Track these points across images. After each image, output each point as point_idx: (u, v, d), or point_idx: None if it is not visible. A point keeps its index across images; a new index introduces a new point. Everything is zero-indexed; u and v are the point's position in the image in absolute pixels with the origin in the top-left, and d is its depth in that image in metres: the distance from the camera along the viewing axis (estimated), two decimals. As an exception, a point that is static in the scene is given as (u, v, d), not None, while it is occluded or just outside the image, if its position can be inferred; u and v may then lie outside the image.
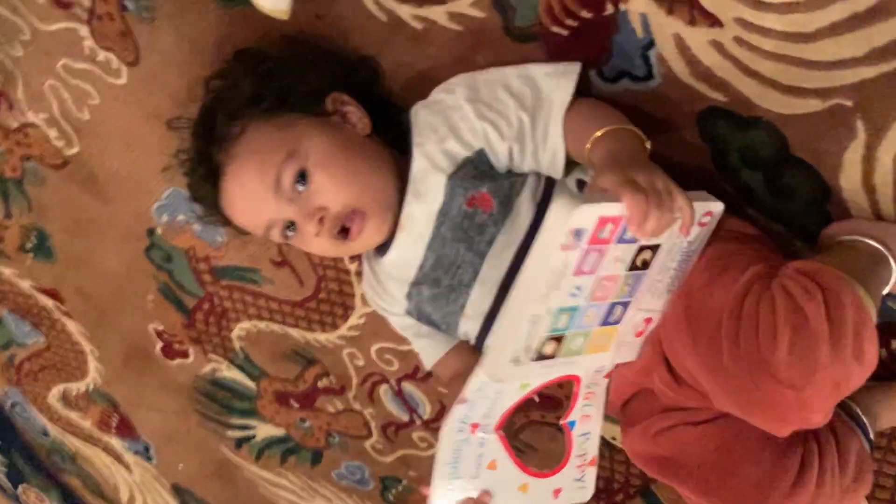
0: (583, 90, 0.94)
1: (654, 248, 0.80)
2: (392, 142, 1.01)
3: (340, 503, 1.62)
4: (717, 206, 0.81)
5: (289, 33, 1.03)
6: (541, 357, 0.82)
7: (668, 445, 0.96)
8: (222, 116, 0.99)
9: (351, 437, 1.50)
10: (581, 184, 0.95)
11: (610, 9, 0.90)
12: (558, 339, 0.82)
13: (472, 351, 1.04)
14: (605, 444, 1.26)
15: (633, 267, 0.81)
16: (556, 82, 0.92)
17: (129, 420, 1.74)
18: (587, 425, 0.95)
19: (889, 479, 1.10)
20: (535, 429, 1.31)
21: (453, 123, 0.94)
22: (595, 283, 0.79)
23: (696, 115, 0.93)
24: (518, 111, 0.92)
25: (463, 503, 0.93)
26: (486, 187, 0.93)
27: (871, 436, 0.98)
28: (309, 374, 1.45)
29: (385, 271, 1.05)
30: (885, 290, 0.90)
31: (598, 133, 0.85)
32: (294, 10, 1.00)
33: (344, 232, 0.95)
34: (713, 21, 0.86)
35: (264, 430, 1.60)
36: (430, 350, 1.11)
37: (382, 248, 1.02)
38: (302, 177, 0.94)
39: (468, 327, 1.00)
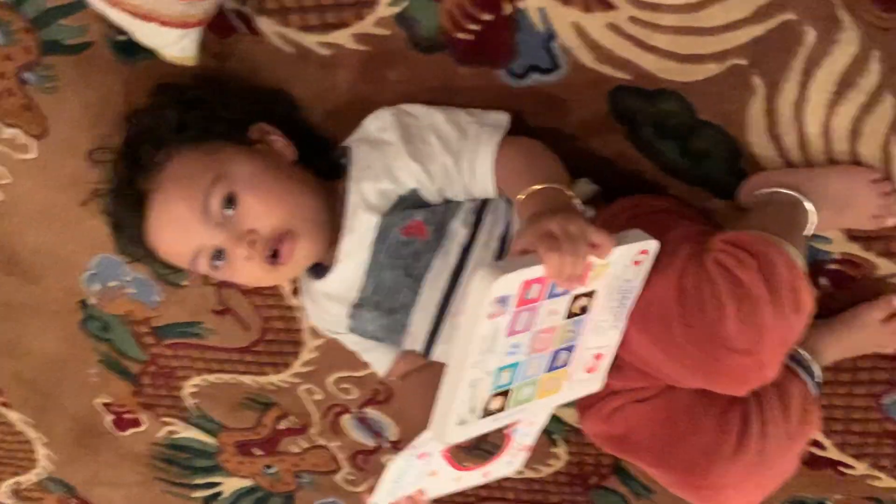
0: (497, 94, 0.98)
1: (591, 294, 0.82)
2: (321, 171, 1.03)
3: (320, 542, 1.61)
4: (652, 245, 0.82)
5: (202, 72, 1.04)
6: (488, 413, 0.84)
7: (621, 424, 1.00)
8: (147, 145, 0.98)
9: (321, 474, 1.49)
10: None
11: (508, 8, 0.93)
12: (504, 394, 0.84)
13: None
14: (573, 431, 1.29)
15: (571, 315, 0.83)
16: (482, 128, 0.96)
17: (89, 502, 1.68)
18: (531, 428, 0.98)
19: (840, 411, 1.15)
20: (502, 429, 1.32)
21: (388, 163, 0.96)
22: (533, 338, 0.81)
23: (606, 97, 0.97)
24: (443, 155, 0.95)
25: (399, 502, 0.95)
26: (420, 216, 0.96)
27: (818, 373, 1.03)
28: (268, 419, 1.44)
29: (325, 293, 1.05)
30: (809, 233, 0.96)
31: (521, 196, 0.87)
32: (200, 56, 1.01)
33: (275, 255, 0.95)
34: (606, 5, 0.91)
35: (231, 484, 1.57)
36: (381, 360, 1.11)
37: (320, 272, 1.03)
38: (230, 200, 0.93)
39: (413, 345, 1.02)
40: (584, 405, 1.04)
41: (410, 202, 0.97)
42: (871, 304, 1.04)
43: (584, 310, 0.83)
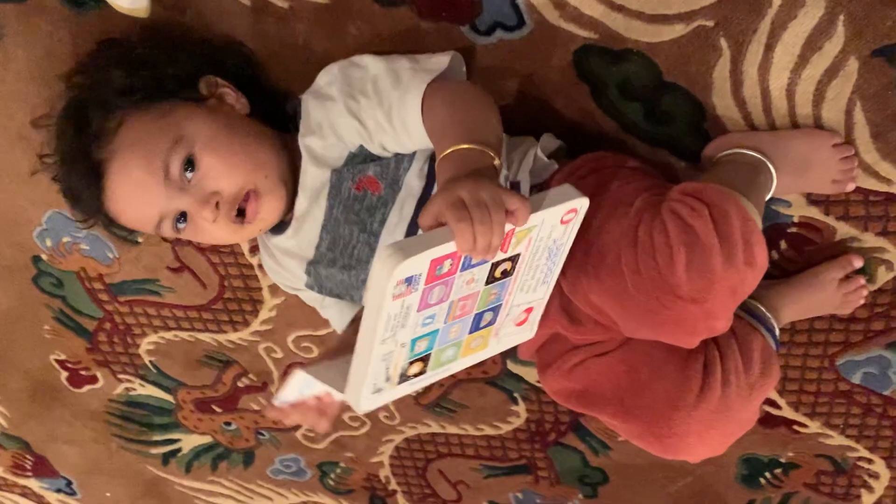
0: (460, 51, 0.96)
1: (514, 259, 0.78)
2: (277, 124, 1.00)
3: (281, 499, 1.61)
4: (582, 202, 0.77)
5: (151, 24, 1.00)
6: (406, 378, 0.82)
7: (582, 379, 1.00)
8: (95, 111, 0.93)
9: (280, 431, 1.49)
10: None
11: (473, -38, 0.91)
12: (423, 360, 0.82)
13: None
14: (532, 389, 1.29)
15: (491, 280, 0.79)
16: (414, 75, 0.91)
17: (45, 458, 1.67)
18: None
19: (796, 371, 1.17)
20: (463, 387, 1.33)
21: (333, 120, 0.94)
22: (450, 307, 0.78)
23: (571, 56, 0.95)
24: (375, 110, 0.91)
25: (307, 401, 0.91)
26: (371, 170, 0.94)
27: (776, 331, 1.04)
28: (227, 377, 1.43)
29: (282, 249, 1.04)
30: (768, 195, 0.96)
31: (442, 154, 0.80)
32: (153, 8, 0.97)
33: (241, 215, 0.93)
34: (573, -38, 0.89)
35: (190, 441, 1.56)
36: (338, 316, 1.10)
37: (278, 228, 1.01)
38: (190, 163, 0.91)
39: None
40: (543, 364, 1.04)
41: (361, 157, 0.94)
42: (830, 262, 1.05)
43: (506, 273, 0.79)
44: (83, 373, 1.48)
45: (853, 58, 0.89)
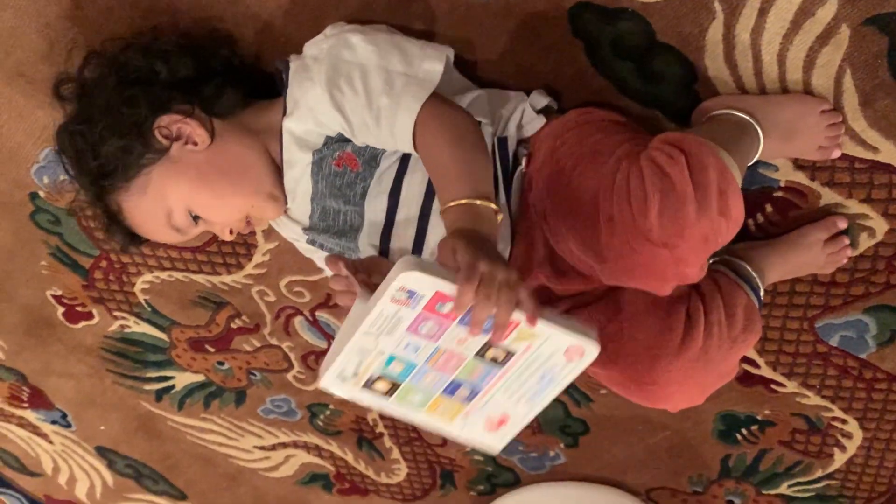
0: (456, 5, 0.96)
1: (508, 353, 0.79)
2: (263, 93, 1.04)
3: (271, 437, 1.65)
4: (591, 347, 0.78)
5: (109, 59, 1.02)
6: (370, 387, 0.82)
7: None
8: (92, 198, 1.04)
9: (272, 372, 1.52)
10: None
11: (471, -85, 0.91)
12: (393, 385, 0.82)
13: None
14: (518, 340, 1.32)
15: (481, 355, 0.80)
16: (407, 85, 0.91)
17: (41, 390, 1.70)
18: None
19: (775, 332, 1.20)
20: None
21: (312, 105, 0.96)
22: (435, 352, 0.79)
23: (566, 13, 0.96)
24: (363, 110, 0.92)
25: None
26: (350, 147, 0.97)
27: (761, 291, 1.06)
28: (220, 317, 1.45)
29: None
30: (755, 157, 0.97)
31: (452, 204, 0.84)
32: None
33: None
34: (571, -82, 0.89)
35: (183, 379, 1.59)
36: None
37: None
38: (193, 216, 1.01)
39: (368, 253, 1.04)
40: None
41: (340, 137, 0.98)
42: (815, 224, 1.06)
43: (496, 361, 0.80)
44: (79, 309, 1.51)
45: (845, 25, 0.89)
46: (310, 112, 0.96)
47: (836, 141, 0.97)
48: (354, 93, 0.92)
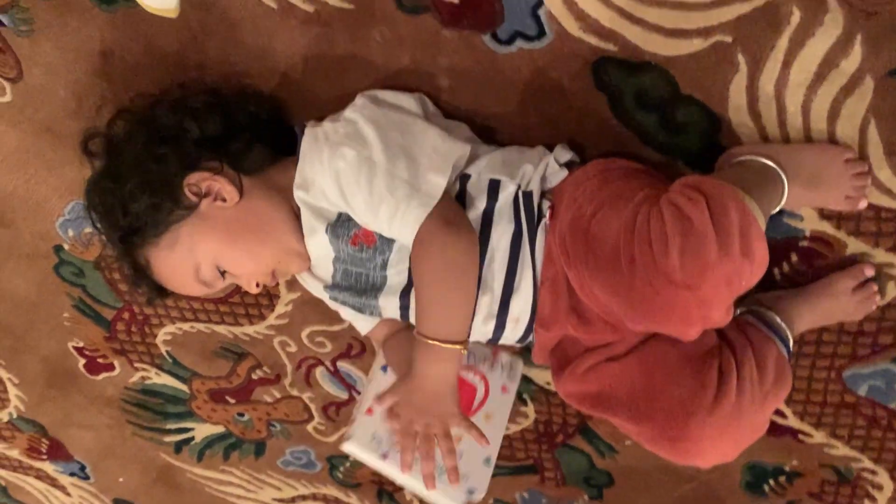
0: (481, 59, 0.97)
1: None
2: (287, 149, 1.05)
3: (290, 490, 1.64)
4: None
5: (140, 118, 1.04)
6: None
7: (596, 381, 1.02)
8: (119, 252, 1.05)
9: (292, 423, 1.51)
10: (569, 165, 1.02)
11: (496, -27, 0.92)
12: None
13: None
14: (541, 390, 1.31)
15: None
16: (410, 199, 0.94)
17: (60, 442, 1.70)
18: None
19: (803, 382, 1.18)
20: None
21: (322, 187, 0.98)
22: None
23: (590, 66, 0.97)
24: (365, 210, 0.95)
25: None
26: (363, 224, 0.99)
27: (790, 342, 1.05)
28: (241, 368, 1.45)
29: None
30: (780, 203, 0.97)
31: (420, 336, 0.97)
32: (182, 8, 0.99)
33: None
34: (595, -26, 0.90)
35: (203, 430, 1.59)
36: (362, 320, 1.14)
37: None
38: (220, 271, 1.02)
39: (390, 313, 1.05)
40: (557, 367, 1.06)
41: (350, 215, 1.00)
42: (843, 271, 1.06)
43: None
44: (100, 360, 1.51)
45: (869, 76, 0.90)
46: (321, 193, 0.98)
47: (862, 191, 0.97)
48: (360, 190, 0.95)
